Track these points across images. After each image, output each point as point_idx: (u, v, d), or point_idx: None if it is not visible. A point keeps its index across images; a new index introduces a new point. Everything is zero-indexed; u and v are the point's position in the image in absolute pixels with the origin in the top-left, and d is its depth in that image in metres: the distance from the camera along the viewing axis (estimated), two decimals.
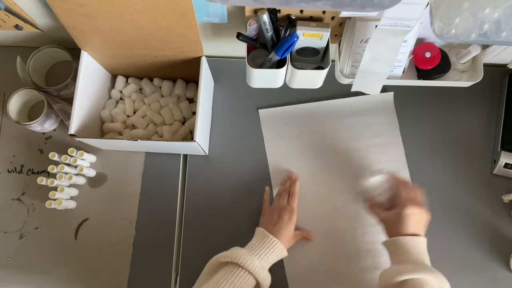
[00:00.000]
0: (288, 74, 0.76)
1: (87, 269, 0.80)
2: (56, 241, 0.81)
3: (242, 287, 0.60)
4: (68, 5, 0.61)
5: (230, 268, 0.62)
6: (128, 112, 0.86)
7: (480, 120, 0.88)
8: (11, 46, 0.91)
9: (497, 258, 0.80)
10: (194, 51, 0.74)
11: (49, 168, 0.78)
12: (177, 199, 0.83)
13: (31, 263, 0.80)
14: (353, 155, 0.85)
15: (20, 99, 0.82)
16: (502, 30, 0.48)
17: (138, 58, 0.78)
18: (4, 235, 0.82)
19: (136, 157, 0.86)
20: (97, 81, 0.81)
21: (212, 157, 0.86)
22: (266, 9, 0.65)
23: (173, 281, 0.79)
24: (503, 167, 0.81)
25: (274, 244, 0.67)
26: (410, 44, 0.72)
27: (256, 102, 0.89)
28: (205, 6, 0.68)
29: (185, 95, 0.88)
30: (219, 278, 0.61)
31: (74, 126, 0.72)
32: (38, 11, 0.74)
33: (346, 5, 0.47)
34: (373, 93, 0.75)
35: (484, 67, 0.77)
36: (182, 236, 0.82)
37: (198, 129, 0.72)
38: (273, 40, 0.70)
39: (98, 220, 0.83)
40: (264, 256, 0.65)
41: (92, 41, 0.71)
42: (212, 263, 0.65)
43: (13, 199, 0.84)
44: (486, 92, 0.89)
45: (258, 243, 0.67)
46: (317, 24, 0.68)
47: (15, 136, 0.87)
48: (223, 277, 0.60)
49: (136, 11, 0.62)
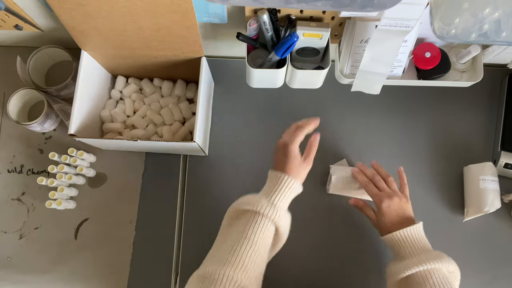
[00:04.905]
0: (288, 74, 0.76)
1: (87, 269, 0.80)
2: (56, 241, 0.81)
3: (265, 237, 0.59)
4: (68, 5, 0.61)
5: (251, 217, 0.60)
6: (128, 112, 0.86)
7: (480, 120, 0.88)
8: (11, 46, 0.91)
9: (497, 258, 0.80)
10: (194, 52, 0.74)
11: (49, 168, 0.78)
12: (177, 199, 0.83)
13: (31, 263, 0.80)
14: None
15: (20, 99, 0.82)
16: (502, 30, 0.48)
17: (138, 58, 0.78)
18: (4, 235, 0.82)
19: (136, 157, 0.86)
20: (97, 81, 0.81)
21: (212, 157, 0.86)
22: (266, 9, 0.65)
23: (173, 281, 0.79)
24: (503, 167, 0.81)
25: (288, 183, 0.64)
26: (410, 44, 0.72)
27: (256, 102, 0.89)
28: (205, 6, 0.68)
29: (185, 96, 0.88)
30: (242, 228, 0.60)
31: (74, 126, 0.72)
32: (38, 11, 0.74)
33: (346, 5, 0.47)
34: (373, 93, 0.75)
35: (484, 67, 0.77)
36: (182, 236, 0.82)
37: (198, 130, 0.72)
38: (273, 40, 0.70)
39: (98, 220, 0.83)
40: (282, 198, 0.63)
41: (92, 41, 0.71)
42: (232, 211, 0.64)
43: (13, 199, 0.84)
44: (486, 92, 0.89)
45: (273, 186, 0.64)
46: (317, 24, 0.68)
47: (15, 136, 0.87)
48: (247, 228, 0.59)
49: (136, 11, 0.62)
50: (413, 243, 0.65)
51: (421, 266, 0.61)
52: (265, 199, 0.62)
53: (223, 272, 0.53)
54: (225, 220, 0.65)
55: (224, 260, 0.55)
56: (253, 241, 0.58)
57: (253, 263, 0.56)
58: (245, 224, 0.60)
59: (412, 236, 0.66)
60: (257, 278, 0.58)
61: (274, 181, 0.65)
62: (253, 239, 0.58)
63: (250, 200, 0.63)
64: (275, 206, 0.62)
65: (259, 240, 0.58)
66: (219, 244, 0.61)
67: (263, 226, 0.59)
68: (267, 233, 0.60)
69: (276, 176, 0.65)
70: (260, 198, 0.63)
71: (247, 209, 0.61)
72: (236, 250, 0.56)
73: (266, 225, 0.60)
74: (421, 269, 0.61)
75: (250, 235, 0.58)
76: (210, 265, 0.56)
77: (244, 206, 0.62)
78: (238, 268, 0.55)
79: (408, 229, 0.66)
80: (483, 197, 0.78)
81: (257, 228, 0.59)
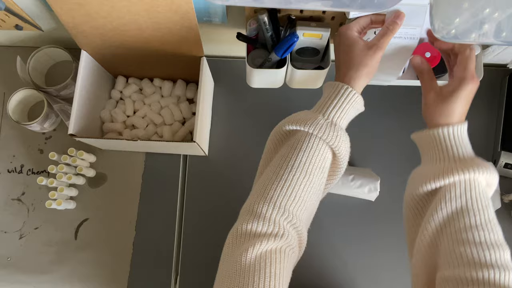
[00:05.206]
0: (288, 74, 0.76)
1: (87, 269, 0.80)
2: (56, 241, 0.81)
3: (319, 164, 0.47)
4: (68, 5, 0.61)
5: (301, 137, 0.48)
6: (128, 112, 0.86)
7: (480, 120, 0.88)
8: (11, 46, 0.91)
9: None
10: (194, 51, 0.74)
11: (49, 168, 0.78)
12: (177, 199, 0.83)
13: (31, 263, 0.80)
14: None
15: (20, 99, 0.82)
16: (502, 30, 0.48)
17: (138, 59, 0.78)
18: (4, 235, 0.82)
19: (136, 157, 0.86)
20: (97, 81, 0.81)
21: (212, 157, 0.86)
22: (266, 9, 0.65)
23: (173, 281, 0.79)
24: (503, 167, 0.81)
25: (348, 94, 0.50)
26: None
27: (256, 102, 0.89)
28: (205, 6, 0.68)
29: (185, 96, 0.88)
30: (288, 152, 0.47)
31: (74, 126, 0.72)
32: (38, 11, 0.74)
33: (346, 5, 0.46)
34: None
35: (484, 67, 0.77)
36: (182, 236, 0.82)
37: (198, 130, 0.72)
38: (273, 40, 0.70)
39: (98, 220, 0.83)
40: (340, 115, 0.50)
41: (92, 41, 0.71)
42: (276, 135, 0.52)
43: (13, 199, 0.84)
44: (486, 92, 0.89)
45: (328, 99, 0.51)
46: (317, 24, 0.68)
47: (15, 136, 0.87)
48: (296, 151, 0.47)
49: (136, 11, 0.62)
50: (465, 144, 0.53)
51: (466, 173, 0.47)
52: (320, 116, 0.49)
53: (266, 207, 0.44)
54: (268, 144, 0.53)
55: (265, 194, 0.46)
56: (306, 171, 0.46)
57: (304, 197, 0.46)
58: (293, 147, 0.48)
59: (465, 135, 0.53)
60: (308, 218, 0.49)
61: (330, 92, 0.51)
62: (306, 169, 0.46)
63: (301, 117, 0.49)
64: (334, 124, 0.49)
65: (313, 170, 0.47)
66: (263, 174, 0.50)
67: (319, 151, 0.47)
68: (323, 160, 0.48)
69: (332, 86, 0.51)
70: (313, 115, 0.49)
71: (297, 129, 0.49)
72: (281, 180, 0.46)
73: (322, 149, 0.48)
74: (465, 177, 0.47)
75: (299, 163, 0.46)
76: (255, 198, 0.47)
77: (292, 125, 0.49)
78: (290, 200, 0.45)
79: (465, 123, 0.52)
80: None
81: (309, 153, 0.47)
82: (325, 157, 0.48)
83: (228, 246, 0.46)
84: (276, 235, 0.44)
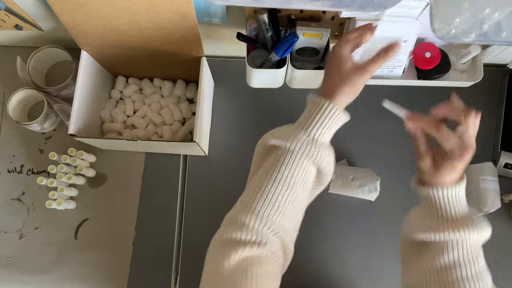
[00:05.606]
0: (288, 74, 0.76)
1: (87, 269, 0.80)
2: (56, 241, 0.81)
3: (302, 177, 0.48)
4: (68, 5, 0.61)
5: (283, 153, 0.49)
6: (128, 112, 0.86)
7: (480, 120, 0.88)
8: (11, 46, 0.91)
9: (497, 258, 0.80)
10: (194, 51, 0.74)
11: (49, 168, 0.78)
12: (177, 199, 0.83)
13: (31, 263, 0.80)
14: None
15: (20, 99, 0.82)
16: (502, 30, 0.48)
17: (138, 59, 0.78)
18: (4, 235, 0.82)
19: (136, 157, 0.86)
20: (97, 81, 0.81)
21: (212, 157, 0.86)
22: (266, 9, 0.65)
23: (173, 281, 0.79)
24: (503, 167, 0.81)
25: (330, 110, 0.50)
26: (410, 44, 0.72)
27: (256, 102, 0.89)
28: (205, 6, 0.68)
29: (185, 96, 0.88)
30: (272, 165, 0.49)
31: (74, 126, 0.72)
32: (38, 11, 0.74)
33: (346, 5, 0.47)
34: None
35: (484, 67, 0.77)
36: (182, 236, 0.82)
37: (198, 130, 0.72)
38: (273, 40, 0.70)
39: (98, 220, 0.83)
40: (322, 131, 0.51)
41: (92, 41, 0.71)
42: (261, 147, 0.54)
43: (13, 199, 0.84)
44: (486, 92, 0.89)
45: (310, 114, 0.51)
46: (317, 24, 0.68)
47: (15, 136, 0.87)
48: (279, 165, 0.48)
49: (136, 11, 0.62)
50: (459, 204, 0.52)
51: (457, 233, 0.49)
52: (302, 132, 0.50)
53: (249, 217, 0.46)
54: (255, 156, 0.55)
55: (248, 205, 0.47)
56: (289, 184, 0.48)
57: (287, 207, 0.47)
58: (277, 161, 0.49)
59: (461, 195, 0.53)
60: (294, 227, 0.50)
61: (312, 108, 0.51)
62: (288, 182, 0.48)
63: (284, 132, 0.50)
64: (315, 141, 0.50)
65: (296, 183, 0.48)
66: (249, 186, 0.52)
67: (301, 165, 0.49)
68: (305, 175, 0.49)
69: (314, 102, 0.52)
70: (295, 131, 0.50)
71: (279, 145, 0.50)
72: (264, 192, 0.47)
73: (304, 164, 0.49)
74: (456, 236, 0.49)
75: (281, 177, 0.48)
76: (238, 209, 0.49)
77: (276, 140, 0.50)
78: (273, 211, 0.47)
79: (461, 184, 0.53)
80: (483, 197, 0.78)
81: (293, 168, 0.48)
82: (307, 171, 0.50)
83: (211, 252, 0.48)
84: (259, 243, 0.45)
